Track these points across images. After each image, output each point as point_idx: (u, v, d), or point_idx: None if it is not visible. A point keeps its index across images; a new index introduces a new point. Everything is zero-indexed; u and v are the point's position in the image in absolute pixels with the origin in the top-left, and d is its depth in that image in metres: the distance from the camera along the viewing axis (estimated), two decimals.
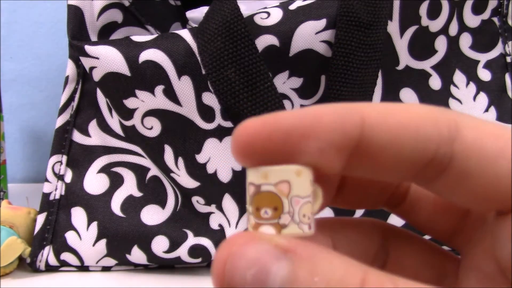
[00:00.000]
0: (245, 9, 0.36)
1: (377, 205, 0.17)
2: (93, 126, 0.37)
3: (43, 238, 0.36)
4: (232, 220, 0.36)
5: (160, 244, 0.36)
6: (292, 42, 0.32)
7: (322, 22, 0.32)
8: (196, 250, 0.35)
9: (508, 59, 0.38)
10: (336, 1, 0.33)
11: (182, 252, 0.35)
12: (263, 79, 0.31)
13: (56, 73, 0.72)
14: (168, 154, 0.34)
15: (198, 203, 0.36)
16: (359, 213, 0.36)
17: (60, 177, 0.37)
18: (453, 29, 0.37)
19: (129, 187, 0.37)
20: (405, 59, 0.36)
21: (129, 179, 0.37)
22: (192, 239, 0.36)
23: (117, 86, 0.33)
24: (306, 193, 0.12)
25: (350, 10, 0.32)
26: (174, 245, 0.35)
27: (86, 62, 0.34)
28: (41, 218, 0.37)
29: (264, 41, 0.32)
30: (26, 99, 0.72)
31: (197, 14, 0.42)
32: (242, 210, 0.35)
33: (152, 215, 0.36)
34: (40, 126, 0.73)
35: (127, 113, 0.34)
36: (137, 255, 0.36)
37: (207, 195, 0.35)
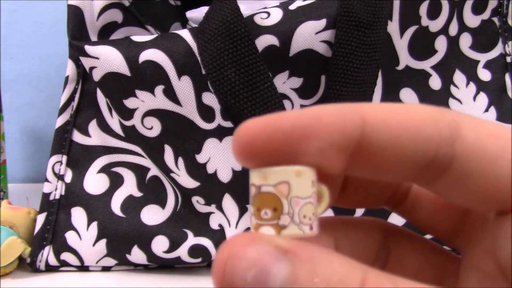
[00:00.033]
0: (245, 9, 0.36)
1: (378, 204, 0.17)
2: (93, 126, 0.37)
3: (43, 238, 0.36)
4: (232, 220, 0.36)
5: (160, 244, 0.36)
6: (292, 42, 0.32)
7: (322, 22, 0.32)
8: (196, 250, 0.35)
9: (508, 59, 0.38)
10: (336, 1, 0.33)
11: (182, 252, 0.35)
12: (263, 79, 0.31)
13: (56, 73, 0.72)
14: (168, 154, 0.34)
15: (198, 203, 0.36)
16: (359, 212, 0.36)
17: (60, 177, 0.37)
18: (453, 29, 0.37)
19: (129, 187, 0.37)
20: (405, 59, 0.36)
21: (129, 179, 0.37)
22: (192, 239, 0.36)
23: (117, 86, 0.33)
24: (307, 194, 0.12)
25: (350, 10, 0.32)
26: (174, 245, 0.35)
27: (86, 62, 0.34)
28: (41, 218, 0.37)
29: (264, 41, 0.32)
30: (26, 99, 0.72)
31: (197, 14, 0.42)
32: (242, 210, 0.36)
33: (152, 215, 0.36)
34: (40, 126, 0.73)
35: (127, 113, 0.34)
36: (137, 255, 0.36)
37: (207, 195, 0.35)
